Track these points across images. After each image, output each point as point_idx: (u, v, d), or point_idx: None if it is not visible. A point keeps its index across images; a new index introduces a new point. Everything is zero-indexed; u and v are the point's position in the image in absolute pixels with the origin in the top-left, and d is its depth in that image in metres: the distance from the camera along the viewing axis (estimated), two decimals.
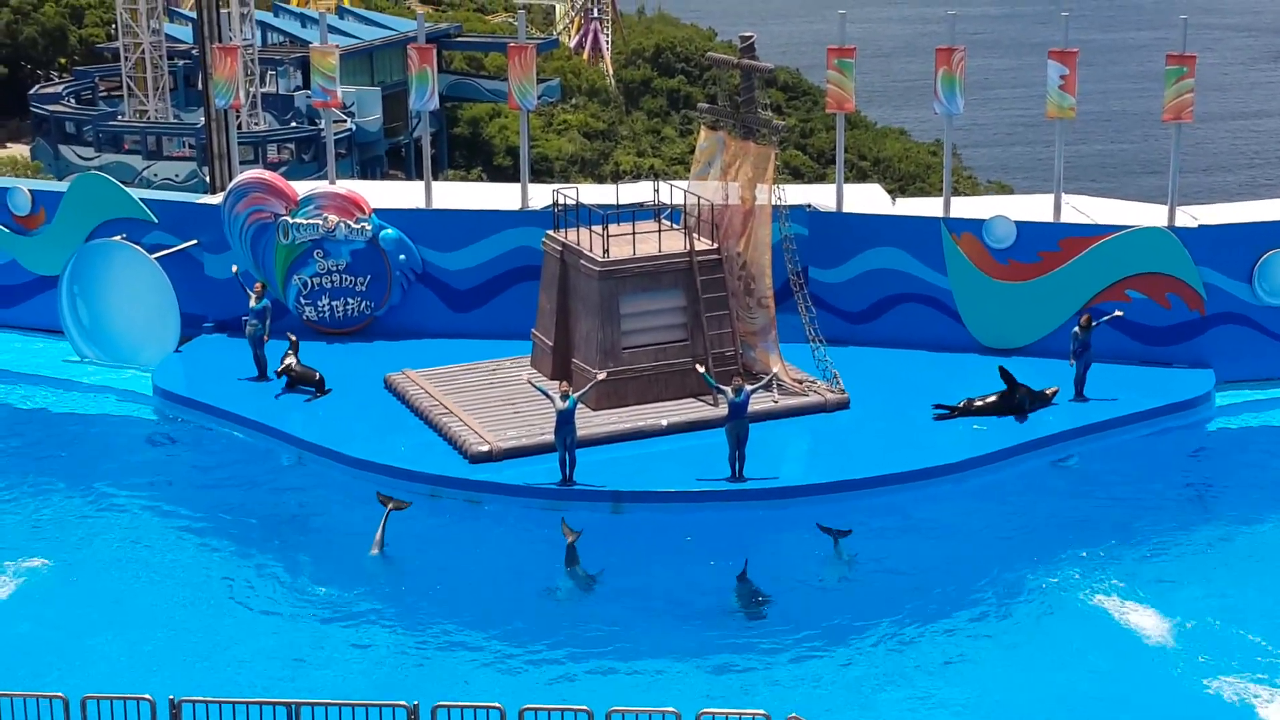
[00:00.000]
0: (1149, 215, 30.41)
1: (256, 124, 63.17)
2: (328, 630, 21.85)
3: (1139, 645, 21.20)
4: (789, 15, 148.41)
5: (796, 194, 30.79)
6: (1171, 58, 29.06)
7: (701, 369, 26.42)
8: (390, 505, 24.17)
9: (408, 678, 20.61)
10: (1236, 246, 29.40)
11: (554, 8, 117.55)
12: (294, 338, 29.00)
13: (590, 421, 26.59)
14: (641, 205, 29.50)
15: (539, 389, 25.69)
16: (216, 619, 22.12)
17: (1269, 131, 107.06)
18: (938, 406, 27.72)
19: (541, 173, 69.96)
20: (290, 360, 28.81)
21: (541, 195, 31.18)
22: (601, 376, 26.34)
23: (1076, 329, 28.10)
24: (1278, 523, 25.04)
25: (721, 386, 25.18)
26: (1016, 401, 27.56)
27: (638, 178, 64.61)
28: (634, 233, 28.08)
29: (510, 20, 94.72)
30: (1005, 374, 27.71)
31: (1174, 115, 29.20)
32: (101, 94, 68.95)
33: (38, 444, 28.44)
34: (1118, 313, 28.78)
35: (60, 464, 27.54)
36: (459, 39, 79.01)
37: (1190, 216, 30.09)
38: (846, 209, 30.76)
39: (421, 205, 31.63)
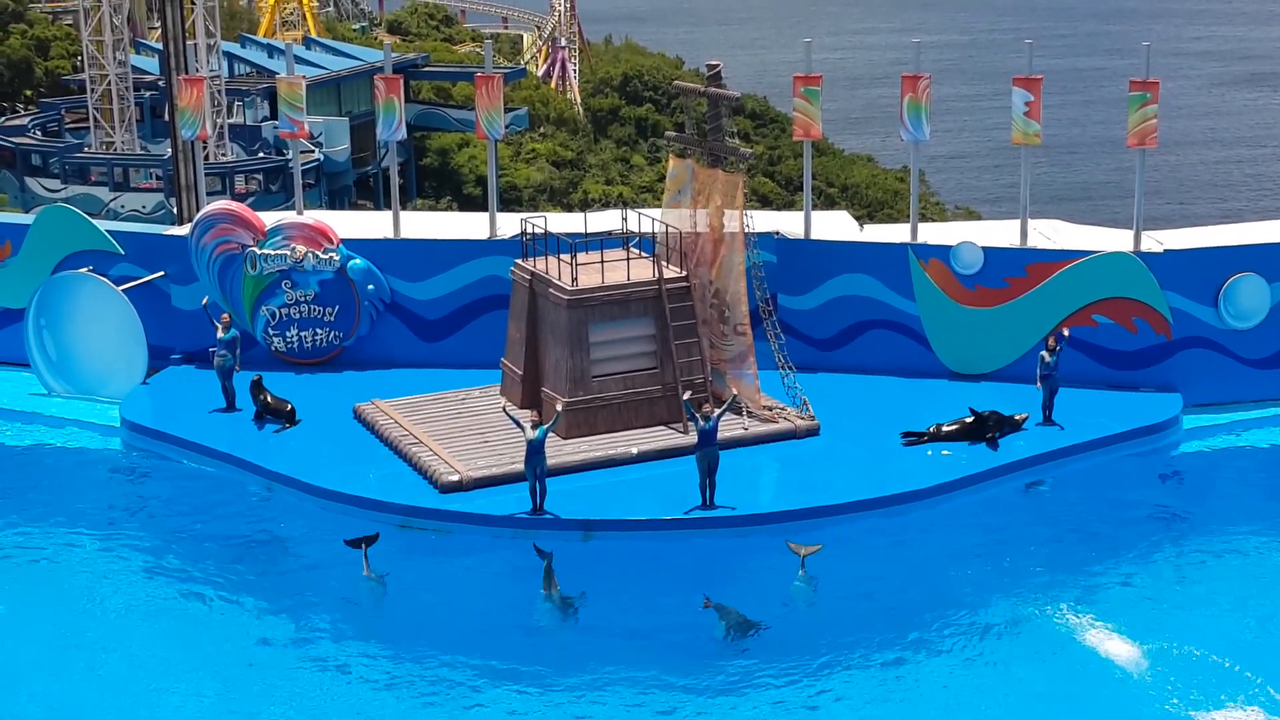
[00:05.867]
0: (1115, 240, 30.57)
1: (224, 155, 63.13)
2: (296, 662, 21.72)
3: (1111, 671, 21.22)
4: (756, 44, 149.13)
5: (764, 221, 30.85)
6: (1135, 84, 29.27)
7: (687, 395, 26.37)
8: (363, 545, 23.95)
9: (374, 708, 20.50)
10: (1202, 271, 29.58)
11: (522, 37, 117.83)
12: (256, 377, 28.88)
13: (560, 450, 26.56)
14: (610, 233, 29.53)
15: (512, 418, 25.64)
16: (184, 652, 21.95)
17: (1235, 157, 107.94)
18: (906, 434, 27.77)
19: (510, 201, 70.07)
20: (266, 396, 28.73)
21: (510, 224, 31.19)
22: (559, 407, 26.33)
23: (1044, 353, 28.19)
24: (1248, 546, 25.11)
25: (697, 416, 25.14)
26: (986, 429, 27.60)
27: (606, 206, 64.76)
28: (603, 261, 28.10)
29: (477, 50, 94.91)
30: (975, 414, 27.71)
31: (1138, 141, 29.40)
32: (68, 126, 68.85)
33: (4, 478, 28.22)
34: (1065, 331, 28.87)
35: (27, 497, 27.34)
36: (426, 69, 79.20)
37: (1156, 241, 30.27)
38: (814, 236, 30.84)
39: (390, 235, 31.61)
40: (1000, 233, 31.18)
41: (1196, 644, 21.68)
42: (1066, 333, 28.85)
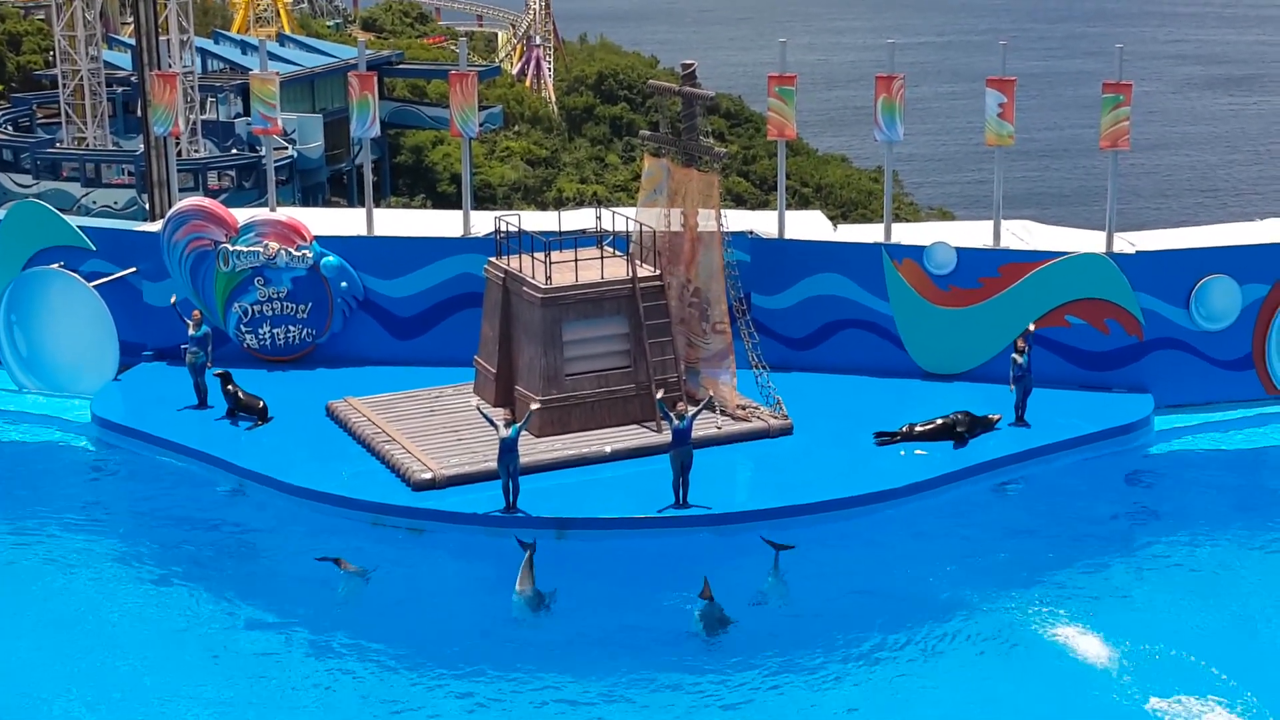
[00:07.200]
0: (1087, 241, 30.67)
1: (196, 151, 62.84)
2: (268, 657, 21.65)
3: (1081, 669, 21.29)
4: (731, 44, 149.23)
5: (739, 220, 30.85)
6: (1108, 86, 29.37)
7: (660, 394, 26.36)
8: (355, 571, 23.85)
9: (345, 702, 20.45)
10: (1173, 272, 29.71)
11: (496, 35, 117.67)
12: (221, 372, 28.75)
13: (534, 448, 26.53)
14: (584, 232, 29.51)
15: (485, 416, 25.62)
16: (154, 651, 21.86)
17: (1208, 159, 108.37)
18: (879, 434, 27.79)
19: (484, 200, 69.94)
20: (237, 391, 28.61)
21: (484, 222, 31.14)
22: (534, 406, 26.29)
23: (1015, 355, 28.25)
24: (1217, 546, 25.23)
25: (670, 414, 25.13)
26: (958, 429, 27.66)
27: (580, 204, 64.68)
28: (576, 260, 28.09)
29: (452, 47, 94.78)
30: (957, 435, 27.72)
31: (1111, 142, 29.51)
32: (39, 121, 68.44)
33: None
34: (1031, 327, 28.94)
35: None
36: (401, 66, 78.98)
37: (1128, 243, 30.37)
38: (788, 235, 30.88)
39: (363, 232, 31.53)
40: (973, 233, 31.24)
41: (1167, 642, 21.77)
42: (1031, 327, 28.84)
